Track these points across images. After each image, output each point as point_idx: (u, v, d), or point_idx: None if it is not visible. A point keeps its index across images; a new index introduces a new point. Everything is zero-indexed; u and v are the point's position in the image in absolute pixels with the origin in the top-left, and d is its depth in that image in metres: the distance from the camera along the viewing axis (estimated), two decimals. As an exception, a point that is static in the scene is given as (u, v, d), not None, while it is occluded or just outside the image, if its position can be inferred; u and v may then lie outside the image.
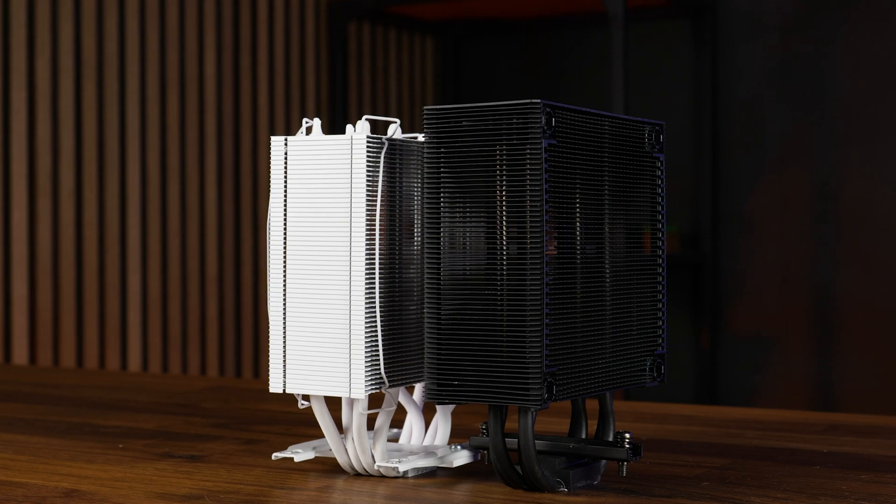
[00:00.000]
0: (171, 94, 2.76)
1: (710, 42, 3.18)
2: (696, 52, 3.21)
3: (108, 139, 2.64)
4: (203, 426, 1.29)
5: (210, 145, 2.85)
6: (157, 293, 2.74)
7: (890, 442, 1.18)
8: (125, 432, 1.25)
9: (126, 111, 2.67)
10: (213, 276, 2.86)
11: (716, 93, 3.20)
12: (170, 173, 2.77)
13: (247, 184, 2.93)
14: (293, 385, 0.98)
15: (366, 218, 0.94)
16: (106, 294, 2.64)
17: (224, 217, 2.88)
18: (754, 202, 3.17)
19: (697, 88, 3.20)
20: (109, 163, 2.64)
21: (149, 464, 1.07)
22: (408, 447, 1.06)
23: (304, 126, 0.98)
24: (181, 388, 1.66)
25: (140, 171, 2.70)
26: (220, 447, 1.15)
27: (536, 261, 0.89)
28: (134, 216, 2.69)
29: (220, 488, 0.97)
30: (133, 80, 2.68)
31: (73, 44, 2.57)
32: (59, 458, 1.11)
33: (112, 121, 2.64)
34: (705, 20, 3.17)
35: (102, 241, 2.63)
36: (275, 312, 0.98)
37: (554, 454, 0.96)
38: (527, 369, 0.89)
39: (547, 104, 0.90)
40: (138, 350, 2.70)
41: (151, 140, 2.72)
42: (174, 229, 2.77)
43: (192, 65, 2.82)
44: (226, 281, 2.89)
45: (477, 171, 0.91)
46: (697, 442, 1.17)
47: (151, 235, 2.72)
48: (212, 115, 2.86)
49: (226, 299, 2.89)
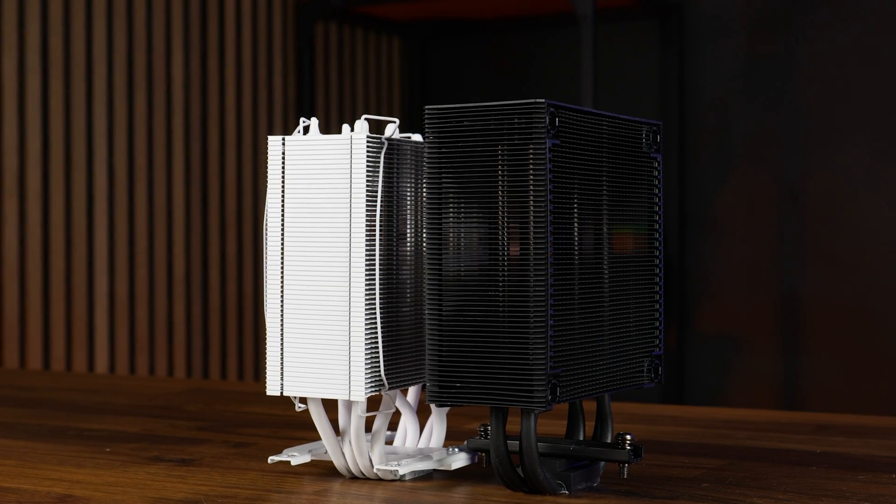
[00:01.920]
0: (138, 95, 2.74)
1: (678, 43, 3.19)
2: (663, 53, 3.22)
3: (75, 140, 2.61)
4: (188, 429, 1.27)
5: (177, 146, 2.83)
6: (124, 295, 2.71)
7: (881, 442, 1.19)
8: (110, 436, 1.23)
9: (93, 112, 2.65)
10: (181, 278, 2.84)
11: (683, 93, 3.20)
12: (137, 174, 2.74)
13: (214, 185, 2.91)
14: (290, 388, 0.96)
15: (366, 218, 0.93)
16: (73, 296, 2.62)
17: (191, 218, 2.86)
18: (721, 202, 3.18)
19: (665, 89, 3.21)
20: (76, 164, 2.61)
21: (140, 468, 1.06)
22: (403, 450, 1.05)
23: (301, 125, 0.97)
24: (158, 390, 1.64)
25: (107, 172, 2.67)
26: (210, 450, 1.14)
27: (540, 261, 0.88)
28: (101, 217, 2.67)
29: (217, 492, 0.95)
30: (100, 81, 2.66)
31: (40, 44, 2.54)
32: (48, 462, 1.09)
33: (79, 121, 2.62)
34: (672, 21, 3.18)
35: (69, 243, 2.60)
36: (272, 314, 0.97)
37: (554, 456, 0.96)
38: (531, 371, 0.89)
39: (551, 104, 0.89)
40: (105, 352, 2.68)
41: (119, 141, 2.70)
42: (141, 231, 2.75)
43: (160, 65, 2.79)
44: (193, 282, 2.87)
45: (479, 171, 0.91)
46: (690, 443, 1.17)
47: (119, 237, 2.70)
48: (179, 115, 2.83)
49: (193, 301, 2.87)
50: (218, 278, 2.92)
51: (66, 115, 2.59)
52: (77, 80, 2.61)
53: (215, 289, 2.91)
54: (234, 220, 2.95)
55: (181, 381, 1.85)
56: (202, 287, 2.89)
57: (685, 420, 1.32)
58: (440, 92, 3.46)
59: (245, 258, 2.98)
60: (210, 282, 2.90)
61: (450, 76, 3.50)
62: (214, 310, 2.92)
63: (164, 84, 2.80)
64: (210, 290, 2.90)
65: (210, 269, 2.91)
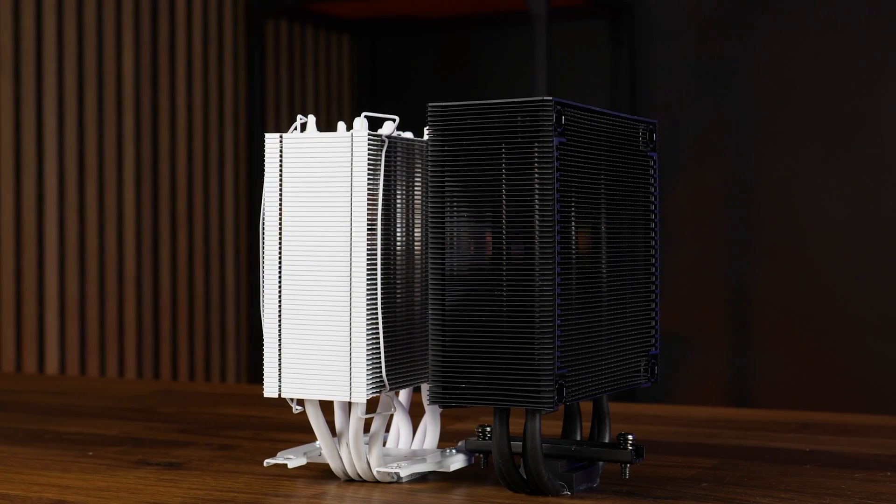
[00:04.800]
0: (88, 93, 2.70)
1: (628, 42, 3.19)
2: (614, 53, 3.23)
3: (24, 138, 2.57)
4: (167, 432, 1.25)
5: (128, 145, 2.80)
6: (74, 295, 2.68)
7: (867, 440, 1.19)
8: (89, 439, 1.21)
9: (43, 109, 2.61)
10: (132, 278, 2.80)
11: (633, 93, 3.21)
12: (88, 173, 2.70)
13: (164, 184, 2.88)
14: (289, 389, 0.95)
15: (367, 217, 0.92)
16: (23, 296, 2.57)
17: (142, 218, 2.83)
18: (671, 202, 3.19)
19: (616, 88, 3.21)
20: (26, 162, 2.57)
21: (128, 472, 1.04)
22: (396, 451, 1.04)
23: (298, 122, 0.95)
24: (126, 392, 1.62)
25: (57, 170, 2.63)
26: (196, 454, 1.12)
27: (547, 260, 0.88)
28: (51, 217, 2.63)
29: (214, 497, 0.94)
30: (50, 77, 2.62)
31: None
32: (31, 467, 1.07)
33: (29, 119, 2.58)
34: (623, 21, 3.18)
35: (19, 243, 2.56)
36: (269, 314, 0.95)
37: (555, 457, 0.95)
38: (538, 371, 0.88)
39: (558, 101, 0.88)
40: (56, 353, 2.64)
41: (69, 139, 2.66)
42: (92, 230, 2.71)
43: (111, 62, 2.76)
44: (144, 283, 2.83)
45: (482, 169, 0.90)
46: (680, 442, 1.17)
47: (69, 237, 2.66)
48: (130, 113, 2.80)
49: (144, 301, 2.84)
50: (168, 278, 2.89)
51: (15, 112, 2.55)
52: (27, 77, 2.57)
53: (166, 289, 2.88)
54: (185, 219, 2.92)
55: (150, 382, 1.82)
56: (153, 287, 2.86)
57: (669, 419, 1.32)
58: (390, 91, 3.45)
59: (196, 258, 2.95)
60: (160, 282, 2.87)
61: (400, 74, 3.48)
62: (165, 310, 2.88)
63: (115, 82, 2.77)
64: (160, 290, 2.87)
65: (161, 270, 2.87)
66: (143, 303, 2.84)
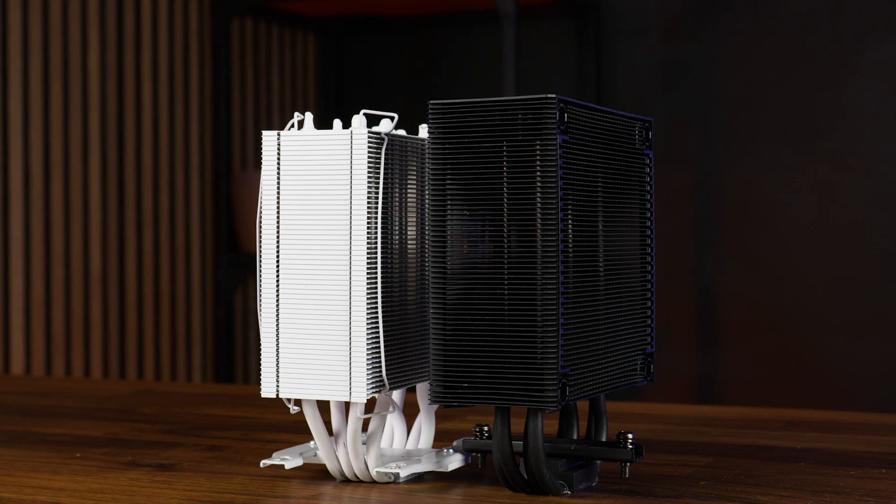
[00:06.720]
0: (54, 89, 2.68)
1: (594, 41, 3.20)
2: (580, 51, 3.23)
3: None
4: (153, 432, 1.24)
5: (94, 142, 2.77)
6: (40, 294, 2.65)
7: (856, 437, 1.19)
8: (75, 440, 1.19)
9: (8, 106, 2.58)
10: (97, 277, 2.78)
11: (599, 92, 3.21)
12: (53, 171, 2.68)
13: (130, 182, 2.85)
14: (287, 389, 0.94)
15: (367, 215, 0.91)
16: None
17: (108, 216, 2.80)
18: (637, 200, 3.20)
19: (582, 88, 3.22)
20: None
21: (120, 473, 1.03)
22: (391, 451, 1.03)
23: (296, 120, 0.94)
24: (106, 392, 1.60)
25: (23, 168, 2.61)
26: (186, 454, 1.11)
27: (550, 259, 0.87)
28: (17, 215, 2.60)
29: (211, 498, 0.93)
30: (15, 74, 2.59)
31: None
32: (20, 469, 1.05)
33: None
34: (589, 20, 3.19)
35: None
36: (267, 314, 0.94)
37: (554, 456, 0.95)
38: (541, 370, 0.87)
39: (561, 99, 0.88)
40: (21, 352, 2.61)
41: (34, 136, 2.63)
42: (58, 229, 2.69)
43: (76, 59, 2.73)
44: (110, 282, 2.81)
45: (484, 167, 0.89)
46: (672, 441, 1.17)
47: (34, 235, 2.64)
48: (95, 111, 2.77)
49: (110, 300, 2.81)
50: (134, 277, 2.87)
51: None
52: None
53: (131, 288, 2.86)
54: (151, 217, 2.90)
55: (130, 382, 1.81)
56: (119, 286, 2.83)
57: (657, 418, 1.32)
58: (355, 89, 3.44)
59: (162, 256, 2.93)
60: (126, 281, 2.85)
61: (365, 73, 3.47)
62: (130, 309, 2.86)
63: (81, 78, 2.74)
64: (126, 289, 2.85)
65: (126, 268, 2.85)
66: (109, 302, 2.81)
